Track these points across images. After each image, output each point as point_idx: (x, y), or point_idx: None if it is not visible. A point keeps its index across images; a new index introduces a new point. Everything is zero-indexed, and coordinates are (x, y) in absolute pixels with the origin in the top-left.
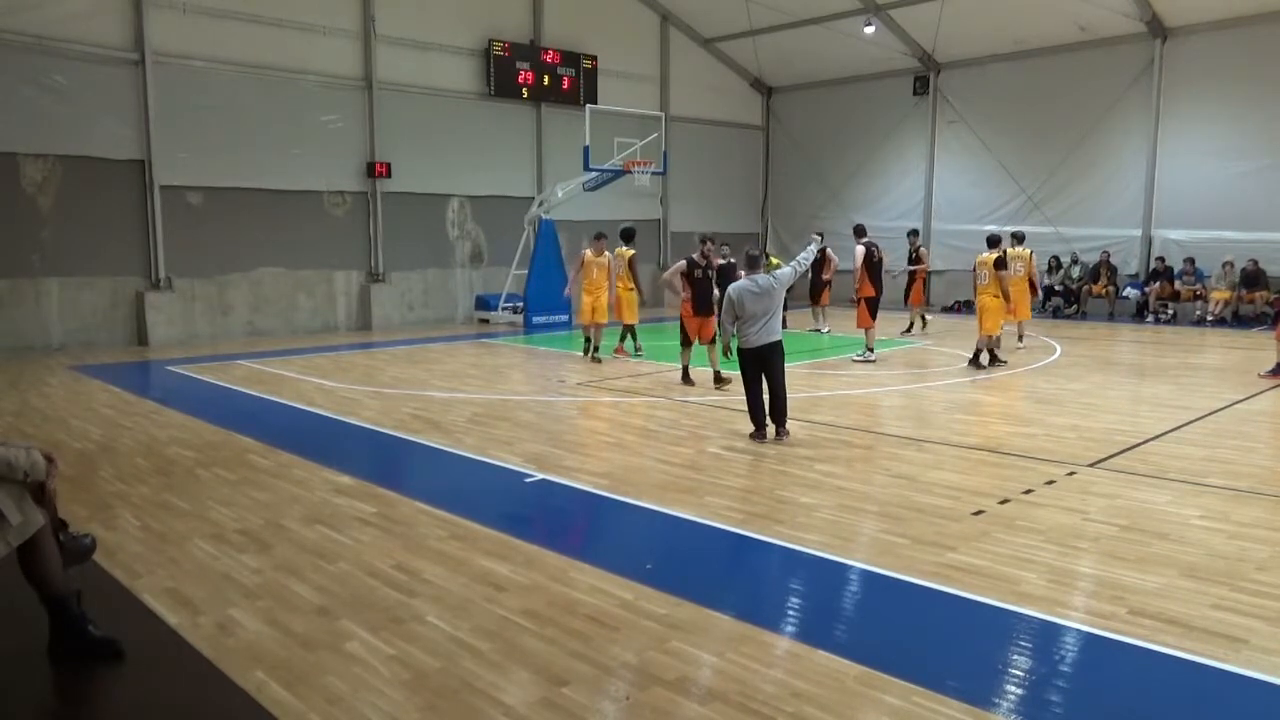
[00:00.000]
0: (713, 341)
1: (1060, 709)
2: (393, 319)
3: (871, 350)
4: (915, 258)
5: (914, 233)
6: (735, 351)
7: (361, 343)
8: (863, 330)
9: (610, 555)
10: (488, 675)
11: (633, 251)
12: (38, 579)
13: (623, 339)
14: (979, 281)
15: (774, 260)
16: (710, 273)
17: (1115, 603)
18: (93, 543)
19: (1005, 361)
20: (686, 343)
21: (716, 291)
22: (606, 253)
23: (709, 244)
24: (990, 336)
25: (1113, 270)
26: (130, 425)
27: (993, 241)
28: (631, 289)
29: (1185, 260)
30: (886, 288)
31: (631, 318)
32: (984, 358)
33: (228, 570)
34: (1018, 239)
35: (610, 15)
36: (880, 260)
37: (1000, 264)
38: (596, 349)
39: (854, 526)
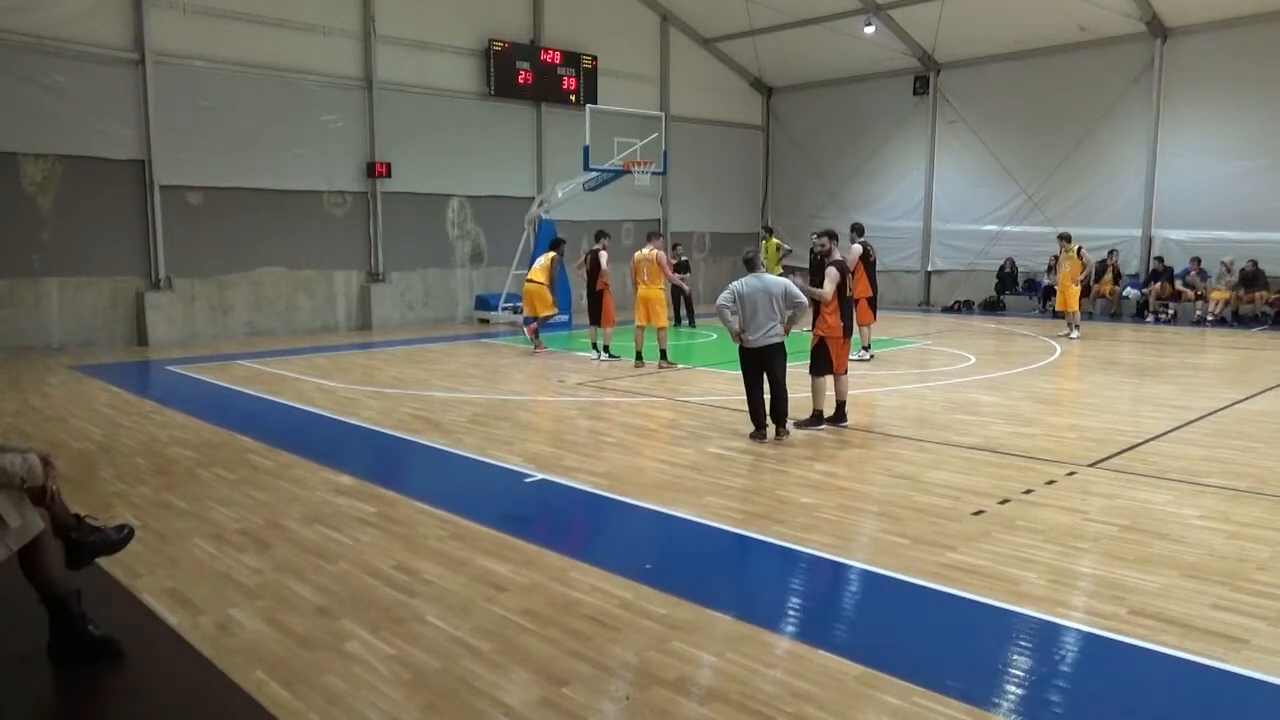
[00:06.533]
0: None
1: (1060, 709)
2: (393, 319)
3: (867, 349)
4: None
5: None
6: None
7: (361, 343)
8: (862, 329)
9: (610, 555)
10: (488, 675)
11: None
12: (39, 580)
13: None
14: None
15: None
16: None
17: (1115, 603)
18: (129, 533)
19: None
20: (826, 370)
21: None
22: (655, 249)
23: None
24: None
25: (1115, 271)
26: (130, 425)
27: None
28: None
29: (1192, 260)
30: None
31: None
32: None
33: (228, 570)
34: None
35: (610, 15)
36: (875, 260)
37: None
38: (664, 354)
39: (854, 526)
